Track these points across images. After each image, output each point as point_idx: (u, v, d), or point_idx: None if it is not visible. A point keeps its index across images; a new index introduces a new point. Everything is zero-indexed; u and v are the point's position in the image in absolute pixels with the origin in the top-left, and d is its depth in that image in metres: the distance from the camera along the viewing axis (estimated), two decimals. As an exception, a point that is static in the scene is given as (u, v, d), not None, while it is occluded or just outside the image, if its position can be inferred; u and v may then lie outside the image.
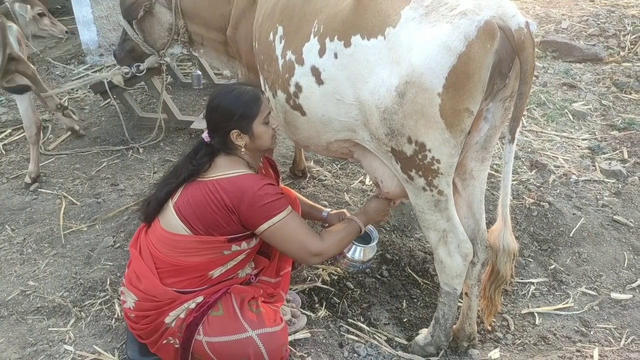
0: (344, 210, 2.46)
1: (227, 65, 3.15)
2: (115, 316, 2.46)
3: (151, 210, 2.06)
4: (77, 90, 5.06)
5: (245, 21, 2.67)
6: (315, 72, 1.97)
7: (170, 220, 1.99)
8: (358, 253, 2.32)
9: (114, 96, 4.12)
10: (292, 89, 2.09)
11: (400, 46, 1.71)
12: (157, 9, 3.04)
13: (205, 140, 2.04)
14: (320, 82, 1.97)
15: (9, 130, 4.40)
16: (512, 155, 1.88)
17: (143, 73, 3.49)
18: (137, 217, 2.19)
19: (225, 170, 1.98)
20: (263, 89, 2.44)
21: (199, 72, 4.60)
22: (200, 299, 2.00)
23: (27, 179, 3.62)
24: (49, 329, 2.43)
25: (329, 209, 2.49)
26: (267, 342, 1.94)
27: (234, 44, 2.88)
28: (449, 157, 1.84)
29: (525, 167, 3.59)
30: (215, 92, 2.05)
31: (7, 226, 3.20)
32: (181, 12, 3.00)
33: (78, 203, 3.39)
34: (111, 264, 2.81)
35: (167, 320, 1.97)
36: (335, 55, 1.89)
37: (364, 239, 2.35)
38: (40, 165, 3.85)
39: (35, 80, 3.64)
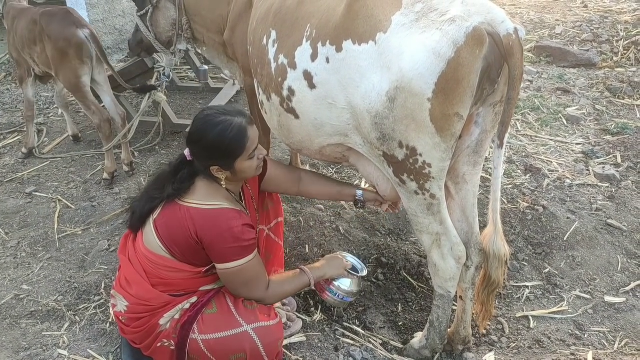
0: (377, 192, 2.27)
1: (227, 66, 3.20)
2: (110, 320, 2.45)
3: (135, 221, 2.03)
4: (71, 95, 5.05)
5: (242, 24, 2.69)
6: (308, 77, 1.98)
7: (150, 237, 1.97)
8: (347, 283, 2.20)
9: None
10: (285, 93, 2.10)
11: (390, 52, 1.73)
12: (163, 3, 3.11)
13: (187, 158, 1.96)
14: (312, 86, 1.98)
15: (3, 134, 4.39)
16: (501, 160, 1.88)
17: (170, 77, 3.59)
18: (125, 224, 2.16)
19: (202, 199, 1.91)
20: (257, 92, 2.44)
21: (206, 67, 4.63)
22: (194, 299, 2.00)
23: (105, 175, 3.63)
24: (43, 333, 2.42)
25: (362, 189, 2.31)
26: (263, 336, 1.93)
27: (230, 47, 2.91)
28: (440, 162, 1.85)
29: (519, 171, 3.61)
30: (199, 120, 1.92)
31: (0, 230, 3.20)
32: (184, 9, 3.06)
33: (73, 206, 3.39)
34: (106, 267, 2.81)
35: (162, 322, 1.96)
36: (327, 60, 1.90)
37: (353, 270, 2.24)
38: (35, 168, 3.85)
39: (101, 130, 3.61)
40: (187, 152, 1.97)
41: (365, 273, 2.27)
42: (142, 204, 2.01)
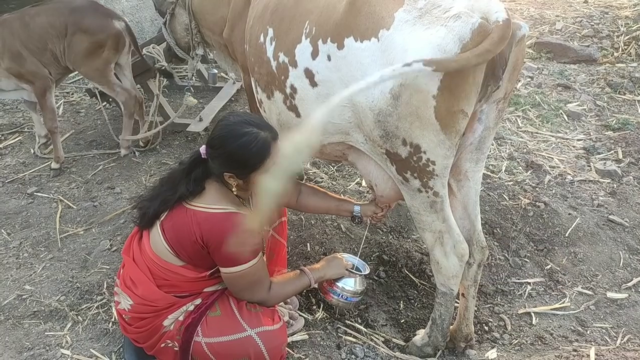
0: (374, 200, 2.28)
1: (232, 68, 3.25)
2: (113, 320, 2.45)
3: (146, 221, 2.01)
4: (72, 94, 5.06)
5: (240, 23, 2.70)
6: (309, 74, 1.97)
7: (156, 239, 1.96)
8: (351, 282, 2.18)
9: (110, 99, 4.13)
10: (288, 91, 2.09)
11: (394, 48, 1.72)
12: (178, 10, 3.22)
13: (202, 155, 1.94)
14: (314, 84, 1.97)
15: (4, 134, 4.39)
16: None
17: (194, 80, 3.74)
18: (132, 221, 2.14)
19: (209, 203, 1.89)
20: (255, 91, 2.43)
21: (215, 71, 4.67)
22: (198, 301, 2.00)
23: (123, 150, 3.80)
24: (46, 333, 2.42)
25: (359, 205, 2.31)
26: (267, 341, 1.93)
27: (230, 46, 2.92)
28: (444, 159, 1.85)
29: (520, 167, 3.61)
30: (225, 126, 1.89)
31: (3, 230, 3.19)
32: (192, 14, 3.13)
33: (74, 207, 3.39)
34: (108, 267, 2.81)
35: (166, 323, 1.97)
36: (329, 58, 1.89)
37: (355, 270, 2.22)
38: (36, 169, 3.85)
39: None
40: (203, 149, 1.94)
41: (367, 271, 2.26)
42: (156, 205, 1.97)
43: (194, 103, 3.80)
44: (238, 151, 1.84)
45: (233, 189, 1.95)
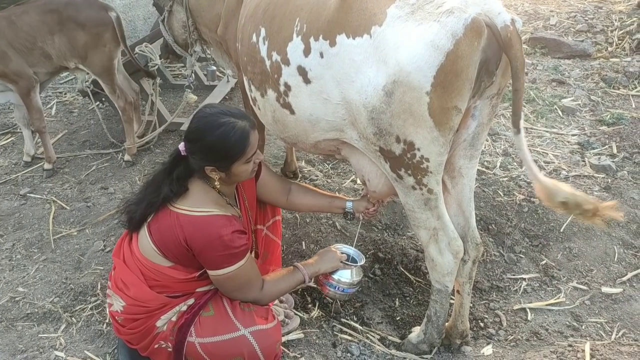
0: (366, 196, 2.28)
1: (229, 65, 3.24)
2: (107, 321, 2.44)
3: (134, 225, 2.00)
4: (65, 94, 5.03)
5: (234, 20, 2.69)
6: (302, 72, 1.96)
7: (144, 241, 1.95)
8: (347, 274, 2.19)
9: (103, 99, 4.10)
10: (282, 88, 2.08)
11: (386, 45, 1.71)
12: (175, 7, 3.23)
13: (182, 152, 1.91)
14: (307, 81, 1.96)
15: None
16: (523, 144, 1.86)
17: (193, 78, 3.72)
18: (121, 226, 2.14)
19: (193, 205, 1.88)
20: (248, 89, 2.42)
21: (214, 68, 4.65)
22: (191, 301, 1.99)
23: (127, 157, 3.83)
24: (40, 335, 2.41)
25: (351, 201, 2.30)
26: (261, 340, 1.93)
27: (224, 43, 2.92)
28: (438, 156, 1.84)
29: (515, 163, 3.61)
30: (201, 118, 1.87)
31: (-5, 232, 3.18)
32: (189, 11, 3.12)
33: (67, 207, 3.37)
34: (102, 268, 2.79)
35: (159, 323, 1.96)
36: (321, 55, 1.88)
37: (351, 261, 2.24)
38: (29, 169, 3.82)
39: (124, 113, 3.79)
40: (182, 146, 1.92)
41: (363, 262, 2.25)
42: (142, 209, 1.96)
43: (194, 99, 3.78)
44: (217, 142, 1.82)
45: (216, 183, 1.93)
